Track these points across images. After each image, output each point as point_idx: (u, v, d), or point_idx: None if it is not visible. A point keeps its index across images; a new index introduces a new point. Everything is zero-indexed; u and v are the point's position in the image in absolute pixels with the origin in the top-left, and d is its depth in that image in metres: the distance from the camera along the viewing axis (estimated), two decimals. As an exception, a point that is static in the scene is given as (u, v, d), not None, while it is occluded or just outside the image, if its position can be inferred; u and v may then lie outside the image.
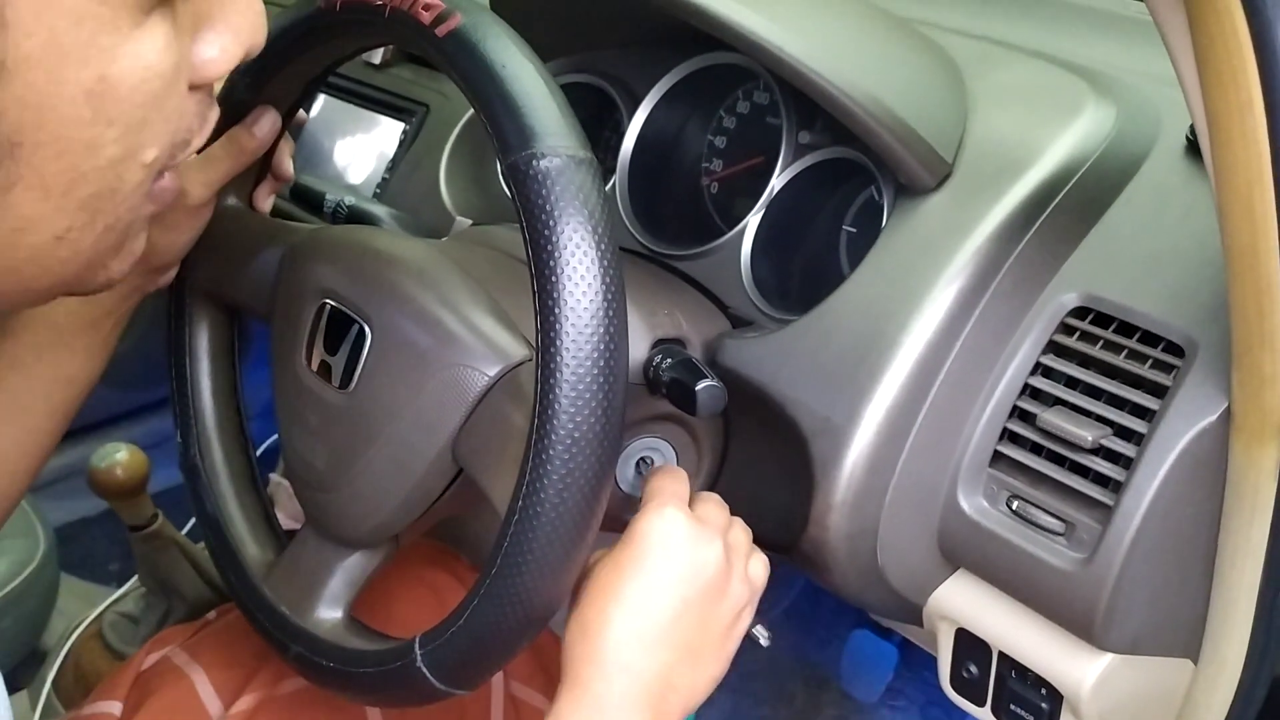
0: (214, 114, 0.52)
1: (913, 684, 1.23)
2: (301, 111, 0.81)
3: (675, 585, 0.59)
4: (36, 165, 0.43)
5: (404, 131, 0.99)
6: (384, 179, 0.99)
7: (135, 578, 1.07)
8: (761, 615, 0.68)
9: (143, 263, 0.74)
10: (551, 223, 0.53)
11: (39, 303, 0.53)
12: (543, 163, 0.54)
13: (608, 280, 0.54)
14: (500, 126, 0.55)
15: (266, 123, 0.72)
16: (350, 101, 1.06)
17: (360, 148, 1.04)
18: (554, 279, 0.53)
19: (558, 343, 0.53)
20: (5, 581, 1.10)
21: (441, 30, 0.58)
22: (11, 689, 1.15)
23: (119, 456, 0.97)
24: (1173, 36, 0.49)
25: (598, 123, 0.94)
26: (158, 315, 0.82)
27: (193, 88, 0.48)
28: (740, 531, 0.65)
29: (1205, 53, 0.48)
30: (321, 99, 1.09)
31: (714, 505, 0.65)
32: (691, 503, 0.64)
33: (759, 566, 0.65)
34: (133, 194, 0.48)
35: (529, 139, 0.54)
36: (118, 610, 1.07)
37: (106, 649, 1.04)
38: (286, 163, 0.81)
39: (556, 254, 0.53)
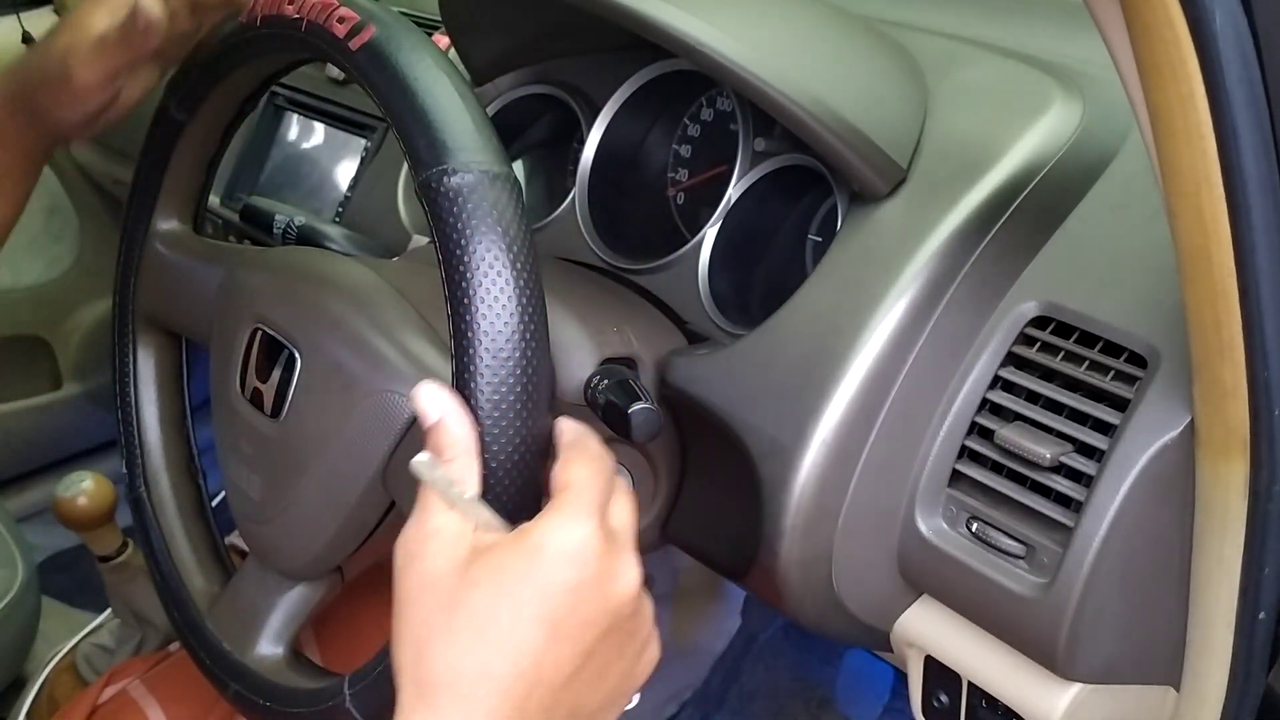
0: None
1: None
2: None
3: (581, 635, 0.46)
4: None
5: (365, 148, 0.97)
6: (346, 197, 0.97)
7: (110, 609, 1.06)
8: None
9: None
10: (464, 242, 0.51)
11: None
12: (454, 179, 0.51)
13: (525, 300, 0.51)
14: (412, 142, 0.53)
15: (154, 9, 0.67)
16: (315, 119, 1.05)
17: (326, 166, 1.02)
18: (467, 301, 0.51)
19: (472, 367, 0.51)
20: (-18, 612, 1.09)
21: (355, 43, 0.56)
22: (-8, 719, 1.14)
23: (84, 485, 0.96)
24: (1108, 27, 0.46)
25: (565, 135, 0.92)
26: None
27: None
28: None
29: (1142, 43, 0.45)
30: (288, 118, 1.07)
31: (627, 502, 0.52)
32: None
33: None
34: None
35: (440, 154, 0.52)
36: (93, 641, 1.06)
37: (79, 680, 1.03)
38: None
39: (469, 275, 0.51)
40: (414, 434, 0.59)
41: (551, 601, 0.46)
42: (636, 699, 0.51)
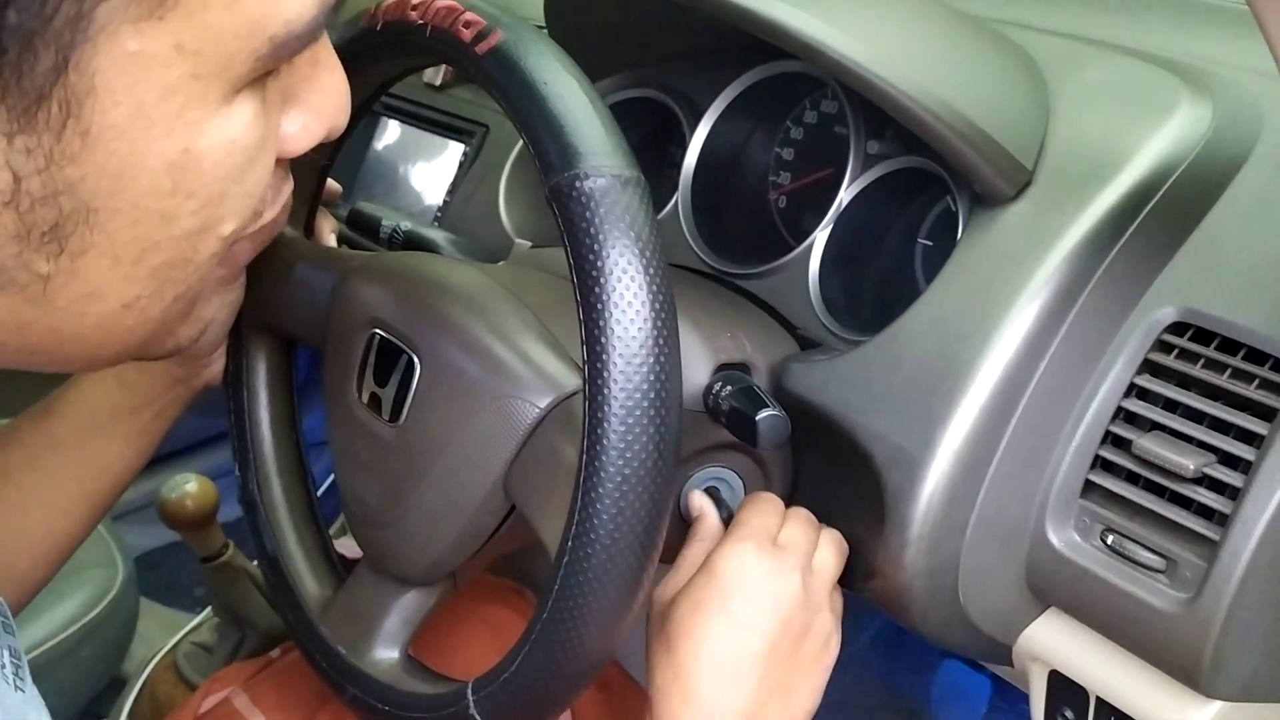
0: (288, 186, 0.53)
1: (1008, 716, 1.17)
2: (333, 183, 0.78)
3: (757, 623, 0.59)
4: (110, 232, 0.43)
5: (464, 153, 0.98)
6: (445, 202, 0.97)
7: (209, 608, 1.07)
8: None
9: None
10: (597, 246, 0.50)
11: (101, 367, 0.53)
12: (586, 183, 0.51)
13: (657, 306, 0.50)
14: (542, 147, 0.52)
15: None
16: (411, 125, 1.05)
17: (422, 171, 1.03)
18: (600, 306, 0.50)
19: (606, 373, 0.50)
20: (84, 611, 1.11)
21: (482, 48, 0.55)
22: (93, 717, 1.16)
23: (188, 488, 0.97)
24: (1273, 26, 0.44)
25: (663, 139, 0.91)
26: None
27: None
28: (828, 552, 0.64)
29: (1312, 41, 0.43)
30: (383, 123, 1.08)
31: (799, 528, 0.63)
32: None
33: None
34: (205, 264, 0.48)
35: (572, 159, 0.51)
36: (193, 640, 1.07)
37: (180, 679, 1.04)
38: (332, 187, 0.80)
39: (603, 280, 0.50)
40: (536, 437, 0.59)
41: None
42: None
